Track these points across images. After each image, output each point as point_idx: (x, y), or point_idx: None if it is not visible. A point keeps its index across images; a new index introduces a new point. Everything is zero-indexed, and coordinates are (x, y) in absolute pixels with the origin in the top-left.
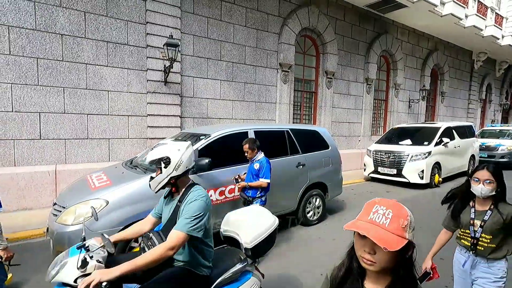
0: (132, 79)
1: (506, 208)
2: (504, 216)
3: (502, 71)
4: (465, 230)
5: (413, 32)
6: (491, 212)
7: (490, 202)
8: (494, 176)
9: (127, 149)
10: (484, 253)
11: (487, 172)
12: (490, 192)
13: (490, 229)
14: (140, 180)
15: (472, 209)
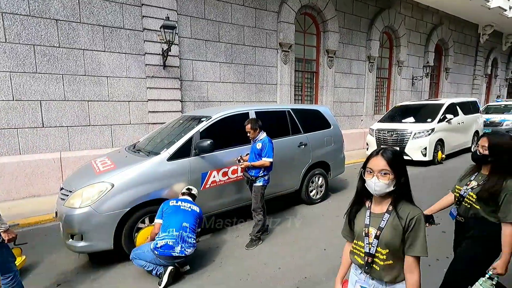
0: (130, 64)
1: (405, 210)
2: (402, 221)
3: (509, 44)
4: (358, 241)
5: (417, 6)
6: (388, 216)
7: (388, 201)
8: (391, 165)
9: (130, 135)
10: (380, 275)
11: (383, 160)
12: (387, 187)
13: (386, 241)
14: (143, 163)
15: (368, 212)
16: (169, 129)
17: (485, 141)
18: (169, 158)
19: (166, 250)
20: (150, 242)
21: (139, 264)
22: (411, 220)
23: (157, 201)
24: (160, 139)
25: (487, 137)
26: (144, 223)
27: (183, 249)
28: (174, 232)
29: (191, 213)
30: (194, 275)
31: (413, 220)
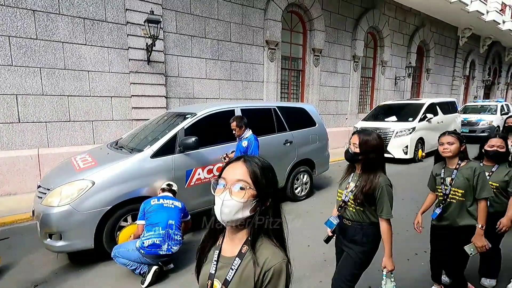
0: (113, 58)
1: (263, 254)
2: (257, 271)
3: (486, 47)
4: None
5: (400, 8)
6: (239, 262)
7: (243, 238)
8: (253, 177)
9: (112, 131)
10: None
11: (243, 168)
12: (239, 211)
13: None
14: (126, 160)
15: (216, 253)
16: (153, 126)
17: (355, 138)
18: (153, 155)
19: (153, 249)
20: (134, 241)
21: (121, 263)
22: (266, 274)
23: (140, 199)
24: (144, 136)
25: (357, 135)
26: (127, 221)
27: (169, 247)
28: (161, 231)
29: (174, 210)
30: (178, 273)
31: (269, 273)
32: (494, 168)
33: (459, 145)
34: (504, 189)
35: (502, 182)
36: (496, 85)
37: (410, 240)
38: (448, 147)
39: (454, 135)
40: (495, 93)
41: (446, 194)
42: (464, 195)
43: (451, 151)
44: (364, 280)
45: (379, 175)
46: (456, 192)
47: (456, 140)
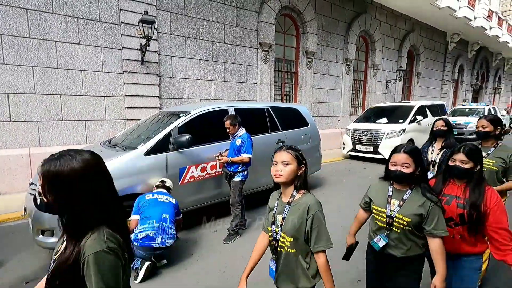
0: (106, 58)
1: None
2: None
3: (474, 52)
4: None
5: (391, 13)
6: None
7: None
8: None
9: (105, 131)
10: None
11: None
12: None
13: None
14: (120, 157)
15: None
16: (147, 125)
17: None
18: (147, 153)
19: (147, 242)
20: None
21: None
22: (309, 212)
23: (134, 196)
24: (137, 134)
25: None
26: None
27: (163, 240)
28: (155, 224)
29: (169, 205)
30: (171, 269)
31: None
32: (406, 195)
33: None
34: (417, 227)
35: (414, 216)
36: (484, 89)
37: None
38: None
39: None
40: (483, 97)
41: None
42: None
43: None
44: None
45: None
46: None
47: None
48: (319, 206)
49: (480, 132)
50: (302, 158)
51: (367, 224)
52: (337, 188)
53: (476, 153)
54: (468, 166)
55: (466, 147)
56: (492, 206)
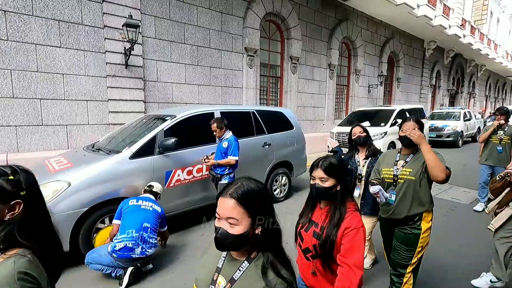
0: (89, 62)
1: None
2: None
3: (449, 59)
4: None
5: (371, 20)
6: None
7: None
8: None
9: (88, 136)
10: None
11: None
12: None
13: None
14: (104, 161)
15: None
16: (132, 128)
17: None
18: (132, 156)
19: (125, 253)
20: (107, 245)
21: (95, 268)
22: None
23: (118, 200)
24: (122, 138)
25: None
26: (104, 223)
27: (143, 250)
28: (134, 234)
29: (152, 212)
30: (157, 273)
31: None
32: None
33: None
34: None
35: None
36: (460, 94)
37: None
38: None
39: None
40: (459, 101)
41: None
42: None
43: None
44: None
45: None
46: None
47: None
48: None
49: (403, 138)
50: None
51: None
52: None
53: (338, 168)
54: (328, 184)
55: (325, 161)
56: (346, 233)
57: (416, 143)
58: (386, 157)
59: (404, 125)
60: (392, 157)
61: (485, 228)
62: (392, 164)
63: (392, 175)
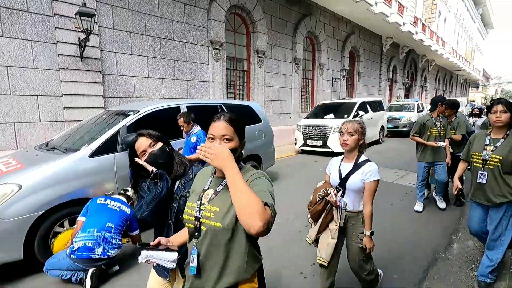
0: (38, 53)
1: None
2: None
3: (404, 54)
4: None
5: (333, 16)
6: None
7: None
8: None
9: (40, 134)
10: None
11: None
12: None
13: None
14: (61, 160)
15: None
16: (90, 125)
17: None
18: (92, 154)
19: (84, 253)
20: (67, 249)
21: (54, 275)
22: (252, 179)
23: (78, 201)
24: (80, 136)
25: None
26: (63, 226)
27: (105, 250)
28: (95, 233)
29: (119, 213)
30: (124, 274)
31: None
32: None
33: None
34: None
35: None
36: (414, 87)
37: None
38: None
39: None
40: (413, 94)
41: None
42: None
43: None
44: None
45: None
46: None
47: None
48: None
49: None
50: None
51: None
52: (291, 182)
53: None
54: None
55: None
56: None
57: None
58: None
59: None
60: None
61: (433, 210)
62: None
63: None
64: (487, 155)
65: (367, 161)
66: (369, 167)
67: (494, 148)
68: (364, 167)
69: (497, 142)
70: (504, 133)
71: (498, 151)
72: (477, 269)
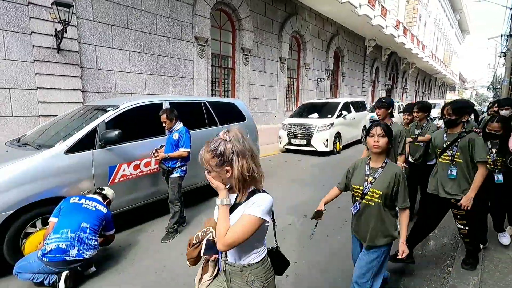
0: (10, 43)
1: None
2: None
3: (386, 56)
4: None
5: (319, 16)
6: None
7: None
8: None
9: (12, 129)
10: None
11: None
12: None
13: None
14: (33, 157)
15: None
16: (67, 121)
17: None
18: (68, 151)
19: (57, 255)
20: (39, 250)
21: (25, 278)
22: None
23: (52, 200)
24: (55, 131)
25: None
26: (35, 227)
27: (80, 252)
28: (69, 234)
29: (95, 213)
30: (102, 275)
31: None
32: None
33: None
34: None
35: None
36: (395, 89)
37: (330, 218)
38: None
39: None
40: (394, 95)
41: None
42: None
43: None
44: None
45: None
46: None
47: None
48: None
49: None
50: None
51: None
52: (275, 180)
53: None
54: None
55: None
56: None
57: None
58: None
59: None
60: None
61: None
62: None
63: None
64: (366, 188)
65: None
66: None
67: (374, 179)
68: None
69: (376, 173)
70: (382, 162)
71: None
72: (452, 265)
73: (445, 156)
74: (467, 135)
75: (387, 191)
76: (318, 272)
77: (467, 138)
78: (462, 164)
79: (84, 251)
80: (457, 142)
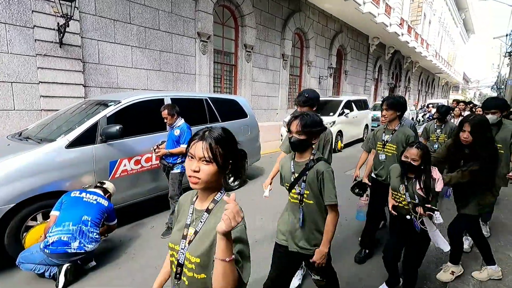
0: (13, 37)
1: None
2: None
3: (389, 55)
4: None
5: (322, 13)
6: None
7: None
8: None
9: (14, 123)
10: None
11: None
12: None
13: None
14: (34, 150)
15: None
16: (68, 115)
17: None
18: (69, 145)
19: (59, 247)
20: (41, 242)
21: (27, 268)
22: None
23: (53, 194)
24: (57, 126)
25: None
26: (36, 220)
27: (82, 244)
28: (71, 226)
29: (96, 206)
30: (102, 270)
31: None
32: None
33: None
34: None
35: None
36: (398, 88)
37: None
38: None
39: None
40: (397, 94)
41: None
42: None
43: None
44: None
45: None
46: None
47: None
48: None
49: None
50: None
51: None
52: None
53: None
54: None
55: None
56: None
57: None
58: None
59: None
60: None
61: None
62: None
63: None
64: None
65: None
66: None
67: None
68: None
69: None
70: None
71: None
72: (442, 265)
73: (294, 195)
74: (315, 164)
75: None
76: None
77: (315, 169)
78: (312, 206)
79: (85, 244)
80: (304, 176)
